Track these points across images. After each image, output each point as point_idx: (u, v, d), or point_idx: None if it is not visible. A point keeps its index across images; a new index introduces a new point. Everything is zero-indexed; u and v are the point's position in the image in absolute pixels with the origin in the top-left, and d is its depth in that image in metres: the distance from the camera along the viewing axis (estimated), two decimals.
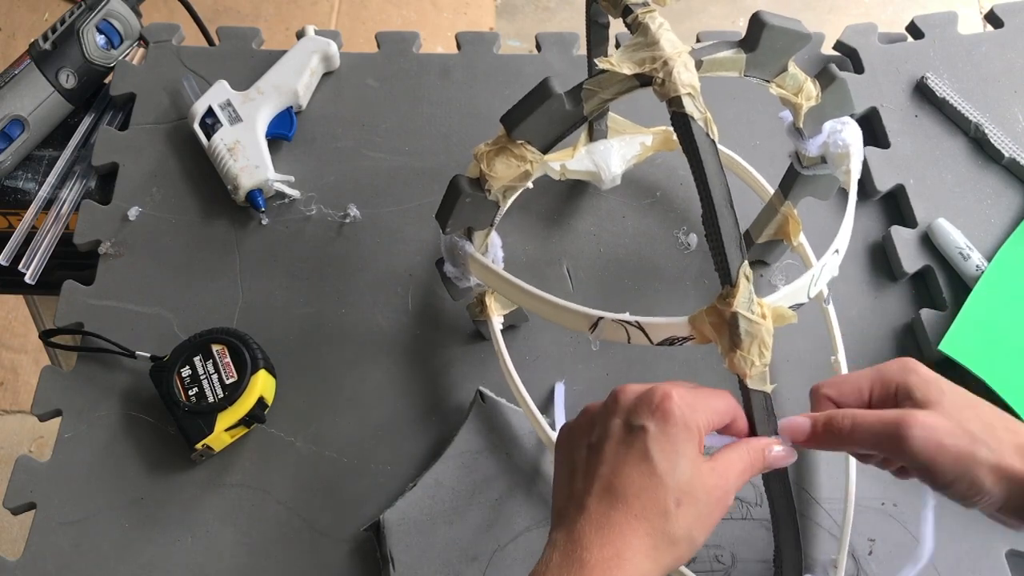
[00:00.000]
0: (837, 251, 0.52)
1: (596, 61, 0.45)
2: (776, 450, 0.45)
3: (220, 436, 0.60)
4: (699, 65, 0.45)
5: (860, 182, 0.70)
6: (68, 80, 0.75)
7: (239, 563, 0.59)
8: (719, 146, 0.44)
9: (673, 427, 0.41)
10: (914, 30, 0.80)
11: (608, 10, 0.51)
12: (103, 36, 0.77)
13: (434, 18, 1.86)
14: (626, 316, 0.46)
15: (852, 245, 0.70)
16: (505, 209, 0.64)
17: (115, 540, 0.60)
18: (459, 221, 0.51)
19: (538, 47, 0.81)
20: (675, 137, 0.70)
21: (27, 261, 0.72)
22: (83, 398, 0.65)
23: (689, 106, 0.43)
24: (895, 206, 0.72)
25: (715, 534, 0.58)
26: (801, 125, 0.52)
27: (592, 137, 0.71)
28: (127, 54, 0.80)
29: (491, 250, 0.55)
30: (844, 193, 0.56)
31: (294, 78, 0.76)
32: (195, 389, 0.61)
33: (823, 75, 0.51)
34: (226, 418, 0.60)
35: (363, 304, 0.69)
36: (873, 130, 0.76)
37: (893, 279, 0.69)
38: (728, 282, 0.43)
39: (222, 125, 0.73)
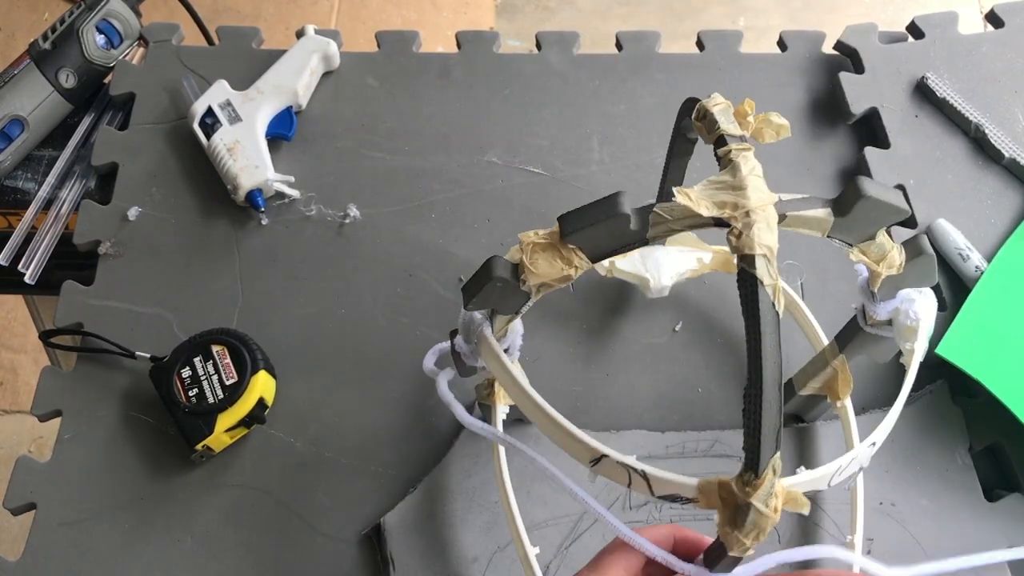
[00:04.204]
0: (874, 444, 0.47)
1: (674, 192, 0.41)
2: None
3: (220, 437, 0.60)
4: (782, 218, 0.41)
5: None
6: (68, 80, 0.75)
7: (239, 563, 0.59)
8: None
9: None
10: (914, 30, 0.80)
11: (701, 133, 0.46)
12: (103, 36, 0.77)
13: (434, 18, 1.86)
14: (632, 460, 0.42)
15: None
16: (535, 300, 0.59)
17: (115, 540, 0.60)
18: (484, 303, 0.47)
19: (538, 46, 0.81)
20: (736, 260, 0.66)
21: (27, 261, 0.72)
22: (83, 398, 0.65)
23: (761, 269, 0.39)
24: None
25: None
26: (876, 289, 0.49)
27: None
28: (127, 54, 0.80)
29: (510, 335, 0.50)
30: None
31: (294, 78, 0.76)
32: (195, 390, 0.61)
33: (910, 246, 0.47)
34: (226, 419, 0.60)
35: (363, 304, 0.69)
36: (873, 130, 0.76)
37: None
38: (753, 471, 0.38)
39: (222, 125, 0.73)
